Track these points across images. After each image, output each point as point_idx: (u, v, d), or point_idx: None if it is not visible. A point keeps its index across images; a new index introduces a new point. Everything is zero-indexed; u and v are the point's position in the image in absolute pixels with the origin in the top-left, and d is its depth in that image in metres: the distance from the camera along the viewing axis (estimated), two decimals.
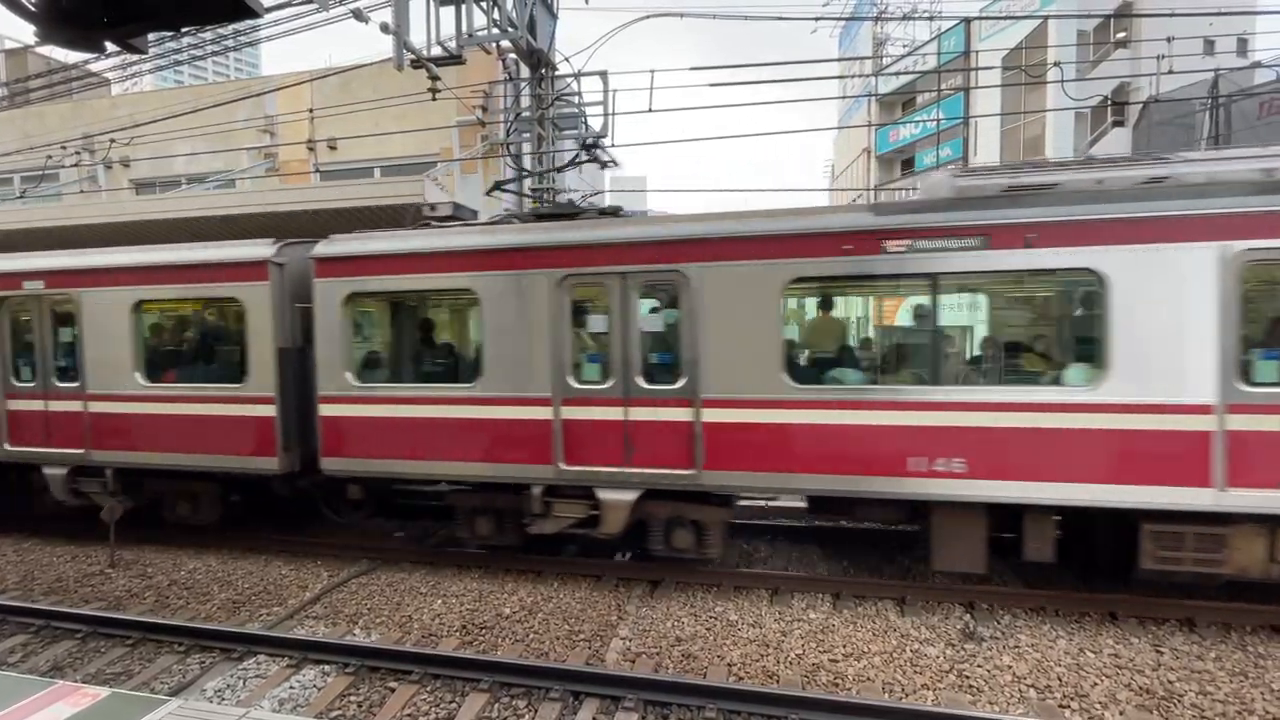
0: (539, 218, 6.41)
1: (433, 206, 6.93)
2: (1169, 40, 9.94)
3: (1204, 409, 4.63)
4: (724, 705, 4.08)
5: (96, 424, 6.97)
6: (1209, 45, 19.77)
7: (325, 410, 6.30)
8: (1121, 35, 21.63)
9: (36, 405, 7.20)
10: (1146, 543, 4.89)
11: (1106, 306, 4.77)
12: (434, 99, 7.90)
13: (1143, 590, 5.24)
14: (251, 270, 6.46)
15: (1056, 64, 11.47)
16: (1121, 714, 4.04)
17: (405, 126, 12.52)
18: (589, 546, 6.86)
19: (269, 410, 6.42)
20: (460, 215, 6.97)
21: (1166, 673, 4.43)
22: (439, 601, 5.82)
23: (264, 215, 8.18)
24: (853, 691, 4.32)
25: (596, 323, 5.89)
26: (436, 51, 8.19)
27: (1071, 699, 4.21)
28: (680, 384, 5.52)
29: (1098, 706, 4.12)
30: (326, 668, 4.77)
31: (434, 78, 7.60)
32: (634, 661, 4.76)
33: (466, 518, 6.38)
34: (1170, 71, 9.89)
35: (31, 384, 7.26)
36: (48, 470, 7.20)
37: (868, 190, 29.21)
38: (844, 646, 4.86)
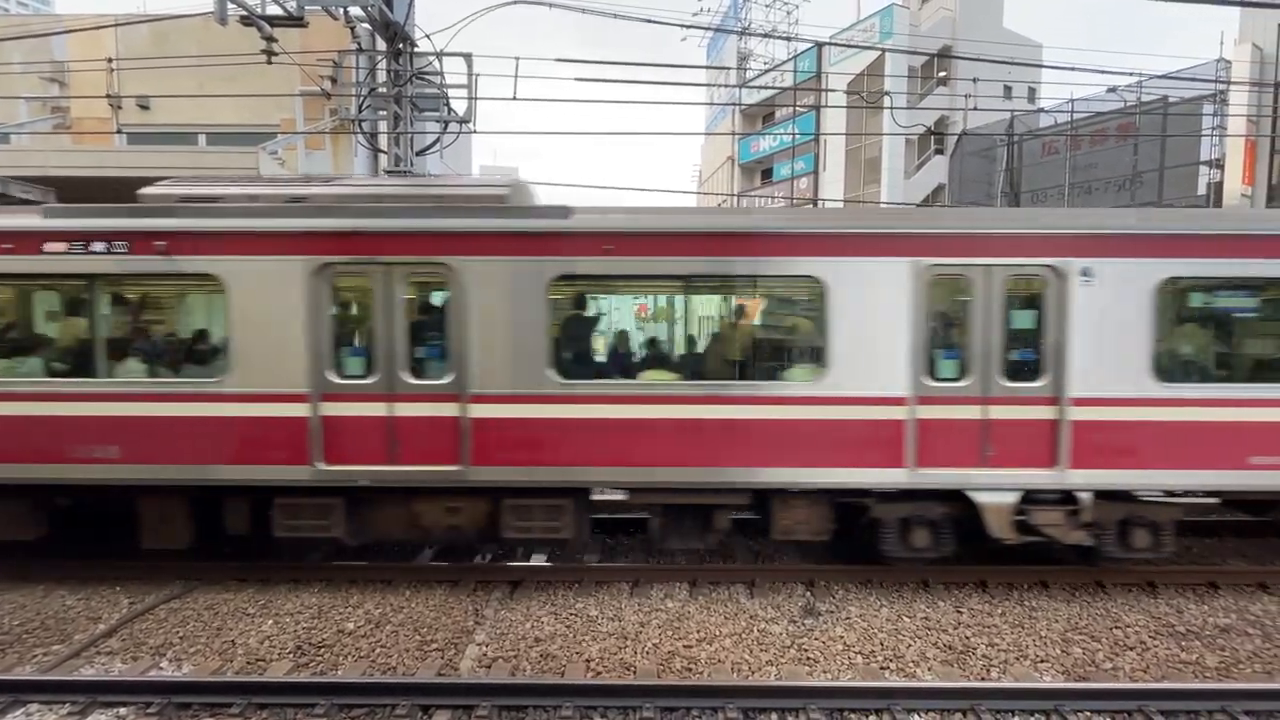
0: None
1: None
2: (974, 81, 11.50)
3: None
4: (580, 702, 4.06)
5: None
6: (1007, 90, 23.17)
7: None
8: (943, 74, 24.70)
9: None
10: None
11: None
12: (269, 62, 7.08)
13: (946, 561, 6.02)
14: None
15: (887, 93, 12.80)
16: (930, 669, 4.60)
17: (237, 91, 11.10)
18: (446, 550, 6.54)
19: None
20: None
21: (964, 630, 5.11)
22: (269, 622, 5.24)
23: (49, 179, 6.87)
24: (705, 675, 4.51)
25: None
26: (274, 10, 7.36)
27: (891, 661, 4.71)
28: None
29: (911, 665, 4.65)
30: (122, 710, 4.09)
31: (269, 38, 6.80)
32: (490, 667, 4.60)
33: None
34: (975, 109, 11.41)
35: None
36: None
37: (731, 196, 30.85)
38: (698, 632, 5.06)
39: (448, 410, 5.43)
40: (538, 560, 6.38)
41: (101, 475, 5.47)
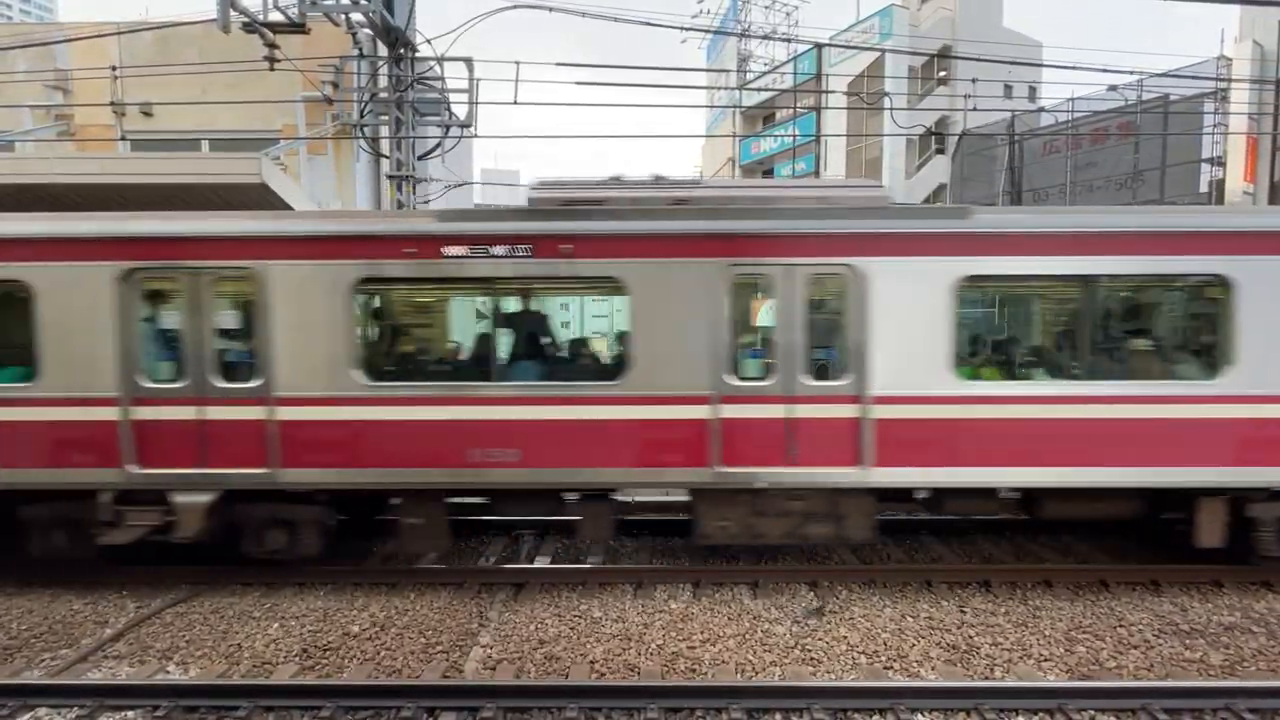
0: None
1: None
2: (974, 81, 11.50)
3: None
4: (584, 704, 4.08)
5: None
6: (1008, 89, 23.16)
7: None
8: (943, 74, 24.70)
9: None
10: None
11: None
12: (271, 68, 7.12)
13: (952, 559, 6.03)
14: None
15: (887, 94, 12.80)
16: (933, 669, 4.60)
17: (239, 97, 11.16)
18: (444, 554, 6.56)
19: None
20: None
21: (968, 629, 5.11)
22: (275, 625, 5.27)
23: (52, 186, 6.92)
24: (708, 675, 4.52)
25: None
26: (275, 17, 7.41)
27: (895, 660, 4.71)
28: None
29: (914, 664, 4.65)
30: (129, 714, 4.12)
31: (271, 45, 6.85)
32: (494, 669, 4.62)
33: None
34: (975, 109, 11.42)
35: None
36: None
37: None
38: (702, 633, 5.07)
39: (845, 412, 5.39)
40: (541, 562, 6.40)
41: (501, 479, 5.55)
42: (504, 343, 5.95)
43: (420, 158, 10.00)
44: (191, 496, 5.49)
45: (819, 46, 24.68)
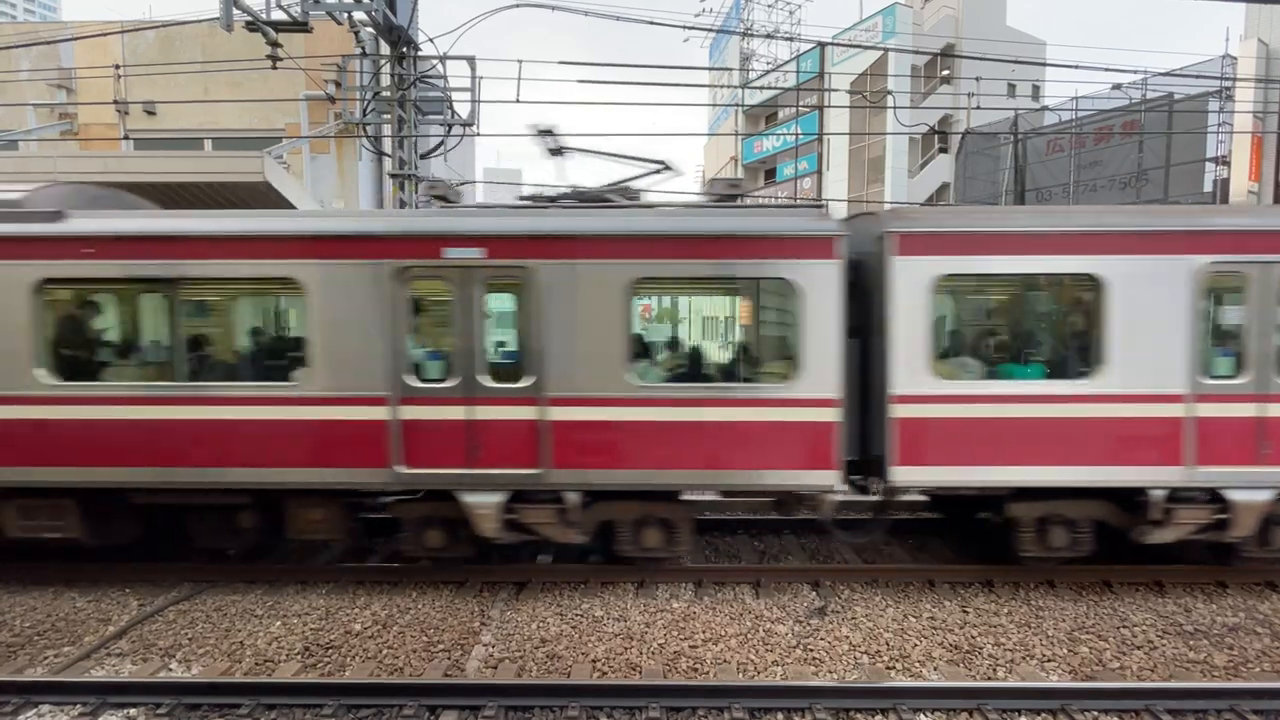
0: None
1: None
2: (977, 80, 11.47)
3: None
4: (586, 702, 4.08)
5: None
6: (1011, 88, 23.10)
7: None
8: (946, 73, 24.65)
9: None
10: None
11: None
12: (274, 67, 7.13)
13: (954, 560, 6.01)
14: None
15: (890, 92, 12.77)
16: (936, 669, 4.59)
17: (242, 96, 11.18)
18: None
19: None
20: None
21: (970, 629, 5.10)
22: (277, 623, 5.27)
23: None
24: (710, 675, 4.51)
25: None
26: (278, 15, 7.41)
27: (897, 660, 4.70)
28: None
29: (917, 665, 4.64)
30: (132, 711, 4.13)
31: (273, 44, 6.85)
32: (496, 668, 4.62)
33: None
34: (978, 108, 11.38)
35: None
36: None
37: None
38: (704, 632, 5.06)
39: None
40: (543, 561, 6.40)
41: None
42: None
43: (423, 156, 10.00)
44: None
45: (822, 45, 24.66)
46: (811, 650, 4.82)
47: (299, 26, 7.39)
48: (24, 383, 5.42)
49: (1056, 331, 6.03)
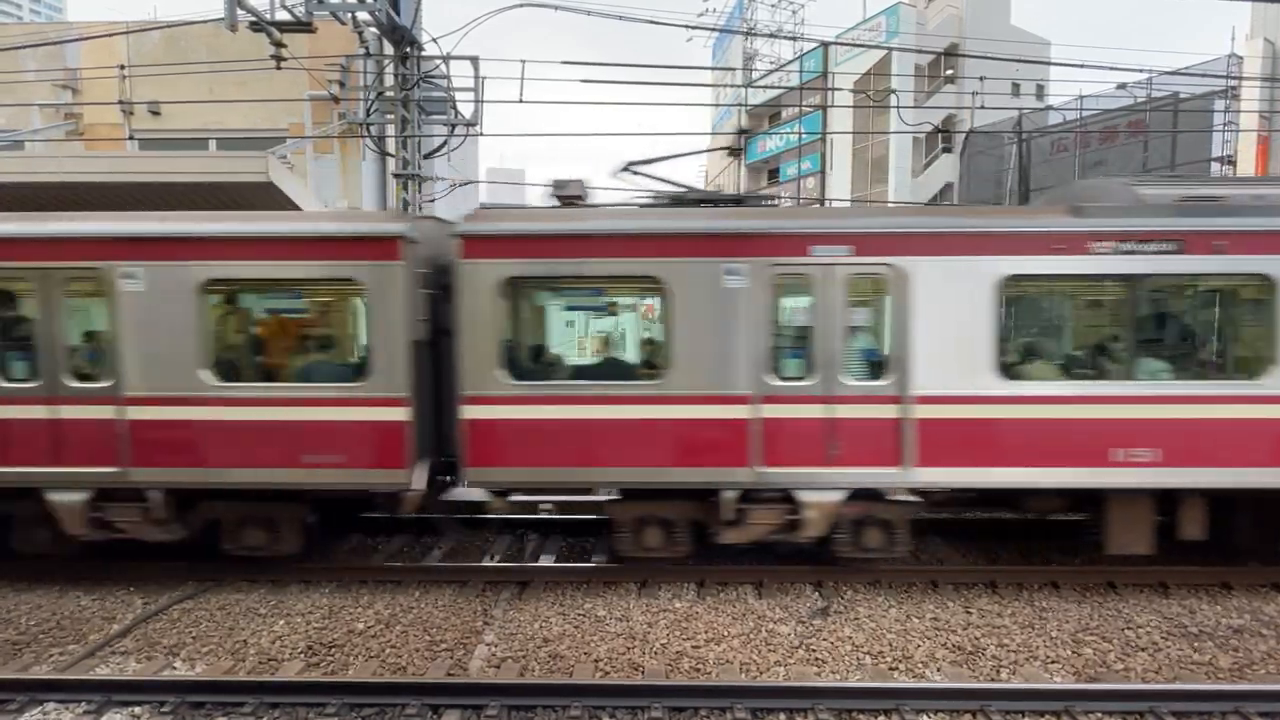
0: None
1: None
2: (981, 80, 11.43)
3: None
4: (588, 702, 4.08)
5: None
6: (1015, 88, 23.01)
7: None
8: (950, 72, 24.56)
9: None
10: None
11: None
12: (278, 67, 7.15)
13: (959, 560, 5.98)
14: None
15: (893, 92, 12.73)
16: (939, 670, 4.58)
17: (247, 96, 11.21)
18: (452, 550, 6.55)
19: None
20: None
21: (974, 630, 5.08)
22: (281, 622, 5.29)
23: (62, 185, 6.96)
24: (713, 675, 4.51)
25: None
26: (282, 16, 7.43)
27: (900, 661, 4.69)
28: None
29: (920, 665, 4.63)
30: (136, 709, 4.15)
31: (277, 44, 6.87)
32: (499, 667, 4.63)
33: None
34: (982, 107, 11.34)
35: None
36: None
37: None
38: (706, 632, 5.06)
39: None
40: (546, 560, 6.41)
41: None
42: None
43: (426, 156, 10.02)
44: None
45: (825, 45, 24.60)
46: (814, 651, 4.81)
47: (303, 27, 7.41)
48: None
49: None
